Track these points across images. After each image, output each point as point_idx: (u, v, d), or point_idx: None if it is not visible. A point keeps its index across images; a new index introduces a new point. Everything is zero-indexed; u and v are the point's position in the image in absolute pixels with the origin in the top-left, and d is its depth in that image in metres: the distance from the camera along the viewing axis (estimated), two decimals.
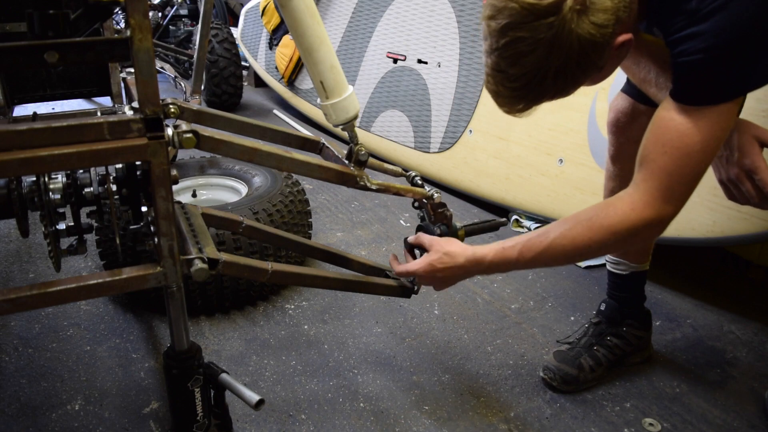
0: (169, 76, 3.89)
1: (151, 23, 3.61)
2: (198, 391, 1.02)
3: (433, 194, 1.23)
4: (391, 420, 1.29)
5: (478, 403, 1.35)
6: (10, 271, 1.87)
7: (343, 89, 1.10)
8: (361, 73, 3.06)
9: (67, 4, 1.24)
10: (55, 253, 0.97)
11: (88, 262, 1.93)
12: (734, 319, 1.71)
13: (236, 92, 3.91)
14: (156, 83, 0.80)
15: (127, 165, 0.91)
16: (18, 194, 0.91)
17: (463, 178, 2.49)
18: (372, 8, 3.02)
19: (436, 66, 2.62)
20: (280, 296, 1.76)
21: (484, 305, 1.75)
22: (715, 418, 1.32)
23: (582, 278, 1.93)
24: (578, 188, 2.02)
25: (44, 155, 0.75)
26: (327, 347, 1.54)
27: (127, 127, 0.79)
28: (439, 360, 1.50)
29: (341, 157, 1.16)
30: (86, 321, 1.62)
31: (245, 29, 4.15)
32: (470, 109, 2.44)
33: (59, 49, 0.91)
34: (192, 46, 4.29)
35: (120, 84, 2.05)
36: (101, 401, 1.32)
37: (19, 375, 1.40)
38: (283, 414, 1.30)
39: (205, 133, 0.95)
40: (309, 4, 1.02)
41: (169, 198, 0.85)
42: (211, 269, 0.94)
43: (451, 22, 2.55)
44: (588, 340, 1.44)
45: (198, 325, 1.60)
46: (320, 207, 2.44)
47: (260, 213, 1.65)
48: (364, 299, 1.75)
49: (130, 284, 0.89)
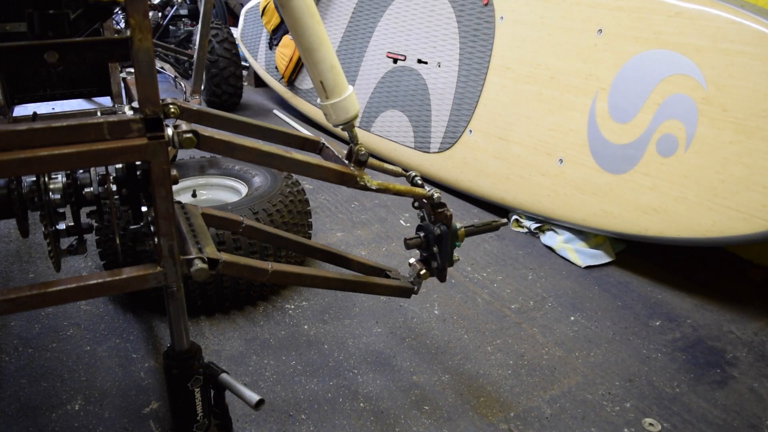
0: (169, 76, 3.89)
1: (151, 23, 3.61)
2: (198, 391, 1.02)
3: (433, 194, 1.23)
4: (391, 420, 1.29)
5: (478, 403, 1.35)
6: (10, 271, 1.87)
7: (343, 89, 1.10)
8: (361, 73, 3.06)
9: (67, 4, 1.24)
10: (55, 253, 0.97)
11: (88, 262, 1.93)
12: (734, 319, 1.71)
13: (236, 92, 3.91)
14: (156, 83, 0.80)
15: (127, 165, 0.91)
16: (18, 194, 0.91)
17: (463, 178, 2.49)
18: (372, 8, 3.02)
19: (436, 66, 2.62)
20: (280, 296, 1.76)
21: (484, 305, 1.75)
22: (715, 418, 1.32)
23: (582, 278, 1.93)
24: (578, 188, 2.02)
25: (44, 155, 0.75)
26: (327, 347, 1.54)
27: (127, 127, 0.79)
28: (439, 360, 1.50)
29: (341, 157, 1.16)
30: (86, 321, 1.62)
31: (245, 29, 4.15)
32: (470, 109, 2.44)
33: (59, 49, 0.91)
34: (192, 46, 4.29)
35: (120, 84, 2.05)
36: (101, 401, 1.32)
37: (19, 375, 1.40)
38: (283, 414, 1.30)
39: (205, 133, 0.95)
40: (309, 4, 1.02)
41: (169, 198, 0.85)
42: (211, 269, 0.94)
43: (451, 22, 2.55)
44: None
45: (198, 325, 1.60)
46: (320, 207, 2.44)
47: (260, 213, 1.65)
48: (364, 299, 1.75)
49: (130, 284, 0.89)
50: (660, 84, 1.81)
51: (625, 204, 1.89)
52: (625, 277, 1.95)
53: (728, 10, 1.68)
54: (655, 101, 1.82)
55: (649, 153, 1.83)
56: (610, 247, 2.06)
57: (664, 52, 1.80)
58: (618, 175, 1.91)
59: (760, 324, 1.70)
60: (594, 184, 1.97)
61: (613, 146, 1.93)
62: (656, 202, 1.80)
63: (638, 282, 1.91)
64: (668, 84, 1.79)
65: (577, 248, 2.05)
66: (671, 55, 1.79)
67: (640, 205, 1.85)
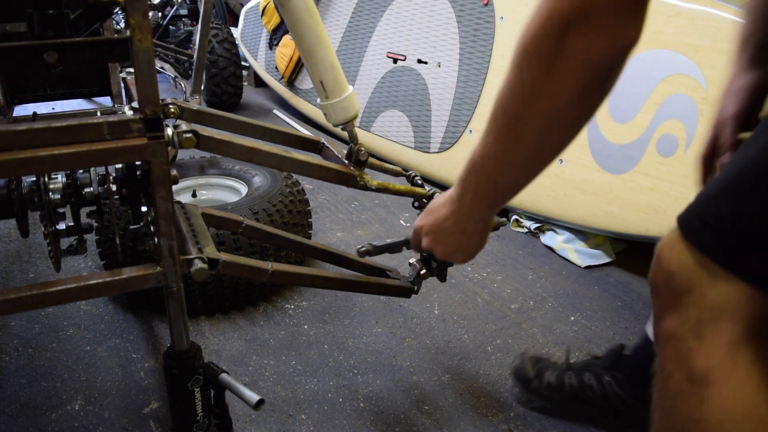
0: (169, 76, 3.89)
1: (151, 23, 3.61)
2: (198, 391, 1.02)
3: (433, 194, 1.23)
4: (391, 420, 1.29)
5: (478, 403, 1.35)
6: (10, 271, 1.87)
7: (343, 89, 1.10)
8: (361, 73, 3.06)
9: (67, 4, 1.24)
10: (55, 253, 0.97)
11: (88, 262, 1.93)
12: None
13: (236, 92, 3.91)
14: (156, 83, 0.80)
15: (127, 165, 0.91)
16: (18, 194, 0.91)
17: None
18: (372, 8, 3.01)
19: (436, 66, 2.62)
20: (280, 296, 1.76)
21: (484, 305, 1.75)
22: None
23: (582, 278, 1.93)
24: (578, 188, 2.02)
25: (44, 155, 0.75)
26: (327, 347, 1.54)
27: (127, 127, 0.79)
28: (439, 360, 1.50)
29: (341, 157, 1.16)
30: (86, 321, 1.62)
31: (245, 29, 4.15)
32: (470, 109, 2.44)
33: (59, 49, 0.92)
34: (192, 46, 4.29)
35: (120, 84, 2.05)
36: (101, 401, 1.32)
37: (19, 375, 1.40)
38: (283, 414, 1.30)
39: (205, 133, 0.95)
40: (309, 4, 1.02)
41: (169, 198, 0.85)
42: (211, 269, 0.94)
43: (451, 22, 2.55)
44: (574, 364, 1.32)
45: (198, 325, 1.60)
46: (320, 207, 2.44)
47: (260, 213, 1.65)
48: (364, 299, 1.75)
49: (130, 284, 0.89)
50: (660, 84, 1.81)
51: (625, 204, 1.88)
52: (625, 277, 1.95)
53: (728, 10, 1.68)
54: (655, 101, 1.82)
55: (649, 153, 1.83)
56: (610, 247, 2.06)
57: (664, 52, 1.80)
58: (618, 175, 1.91)
59: None
60: (594, 184, 1.97)
61: (613, 146, 1.93)
62: (656, 202, 1.80)
63: (638, 282, 1.91)
64: (668, 84, 1.79)
65: (577, 248, 2.05)
66: (671, 55, 1.79)
67: (640, 205, 1.84)
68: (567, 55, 0.59)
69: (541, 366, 1.32)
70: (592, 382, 1.25)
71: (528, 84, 0.64)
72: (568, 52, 0.59)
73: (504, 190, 0.79)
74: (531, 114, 0.66)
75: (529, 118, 0.66)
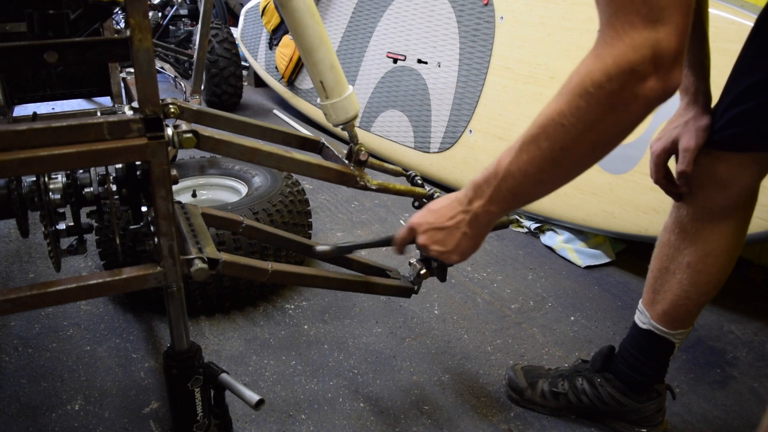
0: (169, 76, 3.88)
1: (151, 23, 3.61)
2: (198, 391, 1.02)
3: (433, 194, 1.23)
4: (391, 420, 1.29)
5: (478, 403, 1.35)
6: (10, 271, 1.87)
7: (343, 89, 1.10)
8: (361, 73, 3.06)
9: (67, 4, 1.24)
10: (55, 253, 0.97)
11: (88, 262, 1.93)
12: (734, 319, 1.71)
13: (236, 92, 3.91)
14: (156, 83, 0.80)
15: (127, 165, 0.91)
16: (18, 194, 0.91)
17: (463, 178, 2.49)
18: (372, 8, 3.01)
19: (436, 66, 2.62)
20: (280, 296, 1.76)
21: (484, 305, 1.75)
22: (715, 419, 1.32)
23: (582, 278, 1.93)
24: (578, 188, 2.02)
25: (44, 155, 0.75)
26: (327, 347, 1.54)
27: (127, 127, 0.79)
28: (439, 360, 1.50)
29: (341, 157, 1.16)
30: (86, 321, 1.62)
31: (245, 29, 4.15)
32: (470, 109, 2.44)
33: (59, 49, 0.92)
34: (192, 46, 4.29)
35: (120, 84, 2.05)
36: (101, 401, 1.32)
37: (19, 375, 1.40)
38: (283, 414, 1.30)
39: (205, 133, 0.95)
40: (309, 4, 1.02)
41: (169, 198, 0.85)
42: (211, 269, 0.94)
43: (451, 22, 2.55)
44: (565, 370, 1.33)
45: (198, 325, 1.60)
46: (320, 207, 2.44)
47: (260, 213, 1.65)
48: (364, 299, 1.75)
49: (130, 284, 0.89)
50: None
51: (625, 204, 1.88)
52: (625, 277, 1.95)
53: (728, 10, 1.68)
54: None
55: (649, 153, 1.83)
56: (610, 247, 2.06)
57: None
58: (618, 175, 1.91)
59: (760, 324, 1.69)
60: (594, 184, 1.97)
61: None
62: (656, 202, 1.80)
63: (638, 282, 1.91)
64: None
65: (577, 248, 2.05)
66: None
67: (640, 205, 1.84)
68: (627, 97, 0.67)
69: (533, 375, 1.33)
70: (585, 386, 1.26)
71: (584, 119, 0.71)
72: (629, 94, 0.67)
73: (521, 202, 0.84)
74: (577, 143, 0.73)
75: (575, 147, 0.74)
